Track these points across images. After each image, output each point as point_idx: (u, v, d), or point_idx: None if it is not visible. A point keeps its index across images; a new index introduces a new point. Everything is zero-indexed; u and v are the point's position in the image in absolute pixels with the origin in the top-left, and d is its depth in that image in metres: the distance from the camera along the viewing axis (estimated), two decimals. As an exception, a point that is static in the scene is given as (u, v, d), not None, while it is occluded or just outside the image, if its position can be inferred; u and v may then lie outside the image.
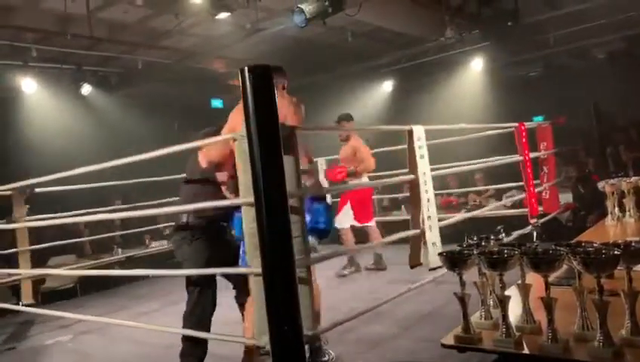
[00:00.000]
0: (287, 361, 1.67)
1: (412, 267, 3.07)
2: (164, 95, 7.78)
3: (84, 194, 6.01)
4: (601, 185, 4.06)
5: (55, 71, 6.91)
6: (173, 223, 6.74)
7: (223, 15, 6.07)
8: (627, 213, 3.91)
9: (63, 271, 4.96)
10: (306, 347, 2.79)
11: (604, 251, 1.70)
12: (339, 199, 5.41)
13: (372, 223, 5.28)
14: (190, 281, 2.99)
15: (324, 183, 5.29)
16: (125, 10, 6.13)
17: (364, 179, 5.25)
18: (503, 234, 2.47)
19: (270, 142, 1.74)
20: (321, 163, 6.02)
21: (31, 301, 4.58)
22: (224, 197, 2.78)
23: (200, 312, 2.94)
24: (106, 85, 7.34)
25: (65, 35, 6.07)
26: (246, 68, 1.72)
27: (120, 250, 6.42)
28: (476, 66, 8.12)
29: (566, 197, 5.91)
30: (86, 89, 7.11)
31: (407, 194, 3.34)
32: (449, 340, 1.95)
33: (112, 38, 6.67)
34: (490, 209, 5.44)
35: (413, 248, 3.07)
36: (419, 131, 3.07)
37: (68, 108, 7.22)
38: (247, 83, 1.72)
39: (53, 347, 4.08)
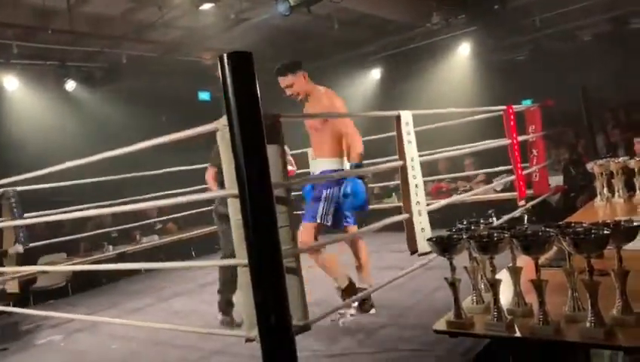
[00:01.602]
0: (276, 353, 1.65)
1: (412, 253, 3.07)
2: (150, 89, 7.67)
3: (74, 192, 5.97)
4: (589, 166, 4.07)
5: (38, 67, 6.80)
6: (164, 218, 6.71)
7: (207, 6, 6.00)
8: (616, 194, 3.91)
9: (53, 268, 4.92)
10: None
11: (593, 231, 1.68)
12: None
13: None
14: None
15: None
16: (107, 3, 6.03)
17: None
18: (494, 218, 2.45)
19: (252, 132, 1.70)
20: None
21: (16, 290, 4.54)
22: None
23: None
24: (91, 81, 7.22)
25: (46, 30, 5.96)
26: (225, 55, 1.67)
27: (111, 247, 6.37)
28: (464, 51, 8.08)
29: (556, 180, 5.92)
30: (70, 85, 6.99)
31: (398, 181, 3.32)
32: (441, 326, 1.94)
33: (95, 32, 6.56)
34: (480, 193, 5.45)
35: (409, 234, 3.05)
36: (406, 117, 3.04)
37: (52, 105, 7.10)
38: (227, 71, 1.68)
39: (45, 346, 4.04)
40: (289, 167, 5.46)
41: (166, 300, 4.72)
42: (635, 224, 1.77)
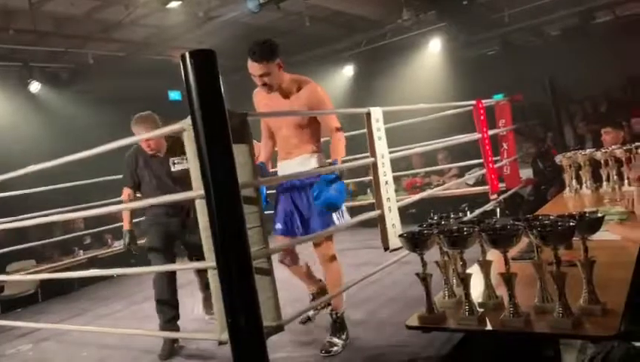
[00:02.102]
0: (247, 356, 1.62)
1: (386, 249, 3.06)
2: (119, 89, 7.50)
3: (40, 197, 5.80)
4: (558, 158, 4.15)
5: (0, 69, 6.59)
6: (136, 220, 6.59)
7: (175, 4, 5.90)
8: (584, 185, 4.00)
9: (20, 277, 4.77)
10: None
11: (559, 223, 1.70)
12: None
13: None
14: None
15: None
16: (71, 1, 5.87)
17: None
18: (468, 212, 2.48)
19: (217, 131, 1.66)
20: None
21: None
22: None
23: None
24: (57, 81, 7.03)
25: (7, 31, 5.78)
26: (187, 53, 1.63)
27: (82, 252, 6.23)
28: (434, 47, 8.14)
29: (527, 173, 6.02)
30: (35, 86, 6.78)
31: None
32: (413, 321, 1.95)
33: (59, 31, 6.38)
34: (452, 187, 5.50)
35: (382, 231, 3.05)
36: (377, 113, 3.03)
37: (16, 107, 6.88)
38: (190, 69, 1.63)
39: (14, 357, 3.92)
40: None
41: (138, 304, 4.62)
42: (599, 215, 1.80)
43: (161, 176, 3.40)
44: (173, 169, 3.40)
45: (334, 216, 2.87)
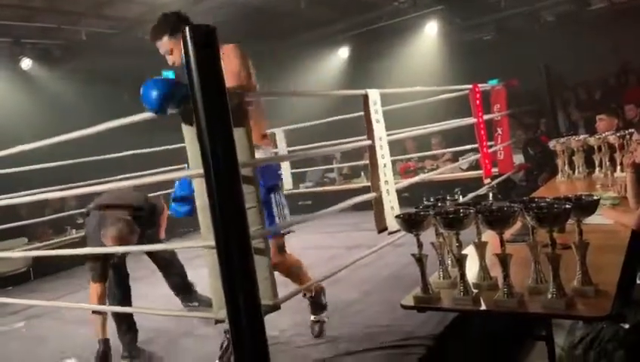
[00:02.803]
0: (246, 333, 1.63)
1: (379, 231, 3.08)
2: (112, 67, 7.40)
3: (34, 176, 5.76)
4: (552, 144, 4.18)
5: (-10, 45, 6.48)
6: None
7: (169, -19, 5.80)
8: (577, 171, 4.04)
9: (11, 254, 4.76)
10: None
11: (555, 205, 1.72)
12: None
13: None
14: None
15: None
16: (63, -24, 5.76)
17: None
18: (460, 196, 2.49)
19: (217, 109, 1.66)
20: (279, 133, 5.93)
21: None
22: None
23: None
24: (48, 58, 6.91)
25: (-2, 6, 5.67)
26: (187, 28, 1.61)
27: (74, 231, 6.21)
28: (431, 31, 8.10)
29: (520, 158, 6.06)
30: (26, 63, 6.67)
31: (367, 161, 3.32)
32: (408, 301, 1.97)
33: (52, 7, 6.25)
34: (446, 171, 5.53)
35: (377, 213, 3.07)
36: (374, 95, 3.03)
37: (6, 84, 6.78)
38: (190, 45, 1.62)
39: (7, 334, 3.93)
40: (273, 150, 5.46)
41: (132, 282, 4.63)
42: (595, 198, 1.82)
43: None
44: None
45: (274, 209, 2.54)
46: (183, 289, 3.64)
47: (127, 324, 3.06)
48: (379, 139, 3.03)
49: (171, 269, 3.61)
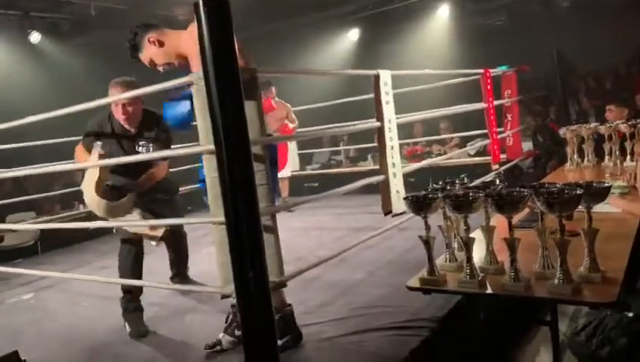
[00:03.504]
0: (253, 308, 1.65)
1: (385, 214, 3.09)
2: (120, 43, 7.35)
3: (40, 149, 5.79)
4: (562, 131, 4.15)
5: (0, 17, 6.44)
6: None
7: (180, -44, 5.74)
8: (586, 159, 4.02)
9: (21, 226, 4.81)
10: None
11: (566, 191, 1.72)
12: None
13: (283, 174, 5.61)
14: None
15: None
16: (74, -50, 5.70)
17: None
18: (467, 181, 2.49)
19: (230, 84, 1.65)
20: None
21: None
22: None
23: None
24: (57, 33, 6.89)
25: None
26: (201, 1, 1.59)
27: (82, 206, 6.25)
28: (443, 14, 8.01)
29: (528, 145, 6.02)
30: (35, 37, 6.65)
31: (374, 144, 3.32)
32: (414, 283, 1.98)
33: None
34: (454, 157, 5.51)
35: (384, 195, 3.07)
36: (385, 76, 3.01)
37: (16, 58, 6.77)
38: (203, 19, 1.60)
39: (15, 305, 3.99)
40: (290, 125, 5.49)
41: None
42: (605, 185, 1.82)
43: (130, 154, 3.09)
44: (138, 150, 3.12)
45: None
46: (182, 267, 3.64)
47: (135, 303, 3.07)
48: (388, 121, 3.02)
49: (180, 242, 3.60)
